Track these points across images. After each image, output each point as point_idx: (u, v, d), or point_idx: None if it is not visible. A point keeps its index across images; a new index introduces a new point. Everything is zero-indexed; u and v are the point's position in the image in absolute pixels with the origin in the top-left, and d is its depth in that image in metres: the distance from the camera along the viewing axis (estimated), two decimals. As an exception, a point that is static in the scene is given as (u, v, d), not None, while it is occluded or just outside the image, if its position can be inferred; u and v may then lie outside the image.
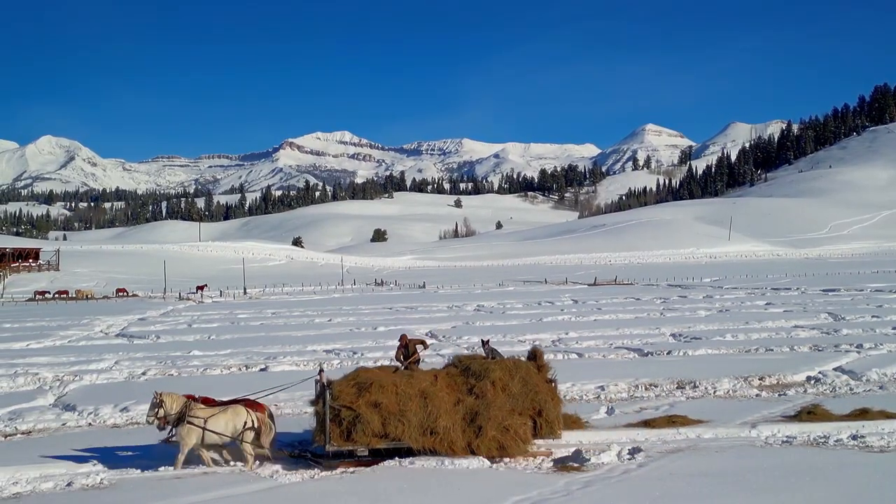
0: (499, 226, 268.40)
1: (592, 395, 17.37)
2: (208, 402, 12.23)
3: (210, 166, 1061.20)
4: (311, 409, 12.57)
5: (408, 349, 13.91)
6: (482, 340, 14.46)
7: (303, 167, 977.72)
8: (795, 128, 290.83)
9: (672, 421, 13.90)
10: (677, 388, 17.73)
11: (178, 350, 26.93)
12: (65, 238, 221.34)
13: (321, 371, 12.54)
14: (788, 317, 33.58)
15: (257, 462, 11.80)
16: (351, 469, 11.50)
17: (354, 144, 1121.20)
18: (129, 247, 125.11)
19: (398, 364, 13.70)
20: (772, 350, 23.60)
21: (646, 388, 17.73)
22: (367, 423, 11.40)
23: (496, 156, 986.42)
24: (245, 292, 71.05)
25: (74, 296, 70.81)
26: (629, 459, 11.79)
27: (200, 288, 72.60)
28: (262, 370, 22.10)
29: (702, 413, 14.56)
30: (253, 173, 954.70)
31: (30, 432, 14.88)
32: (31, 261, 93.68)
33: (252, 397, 12.62)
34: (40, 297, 70.41)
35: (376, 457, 11.69)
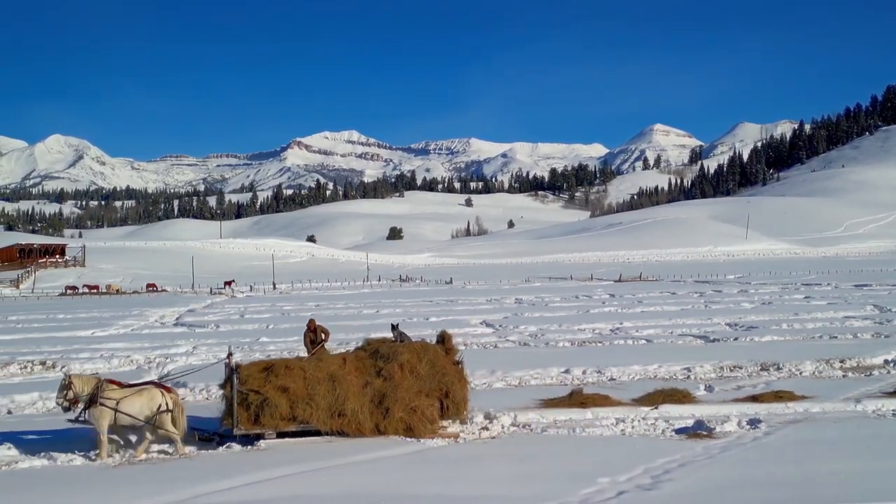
0: (511, 225, 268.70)
1: (681, 375, 17.88)
2: (117, 385, 11.86)
3: (218, 165, 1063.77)
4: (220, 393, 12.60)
5: (316, 334, 14.02)
6: (392, 324, 14.44)
7: (311, 166, 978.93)
8: (808, 127, 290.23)
9: (779, 396, 14.42)
10: (761, 369, 18.24)
11: (246, 337, 27.55)
12: (80, 235, 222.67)
13: (230, 354, 12.48)
14: (835, 308, 34.05)
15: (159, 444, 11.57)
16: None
17: (362, 144, 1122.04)
18: (151, 244, 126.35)
19: (305, 348, 13.91)
20: (835, 337, 24.06)
21: (731, 370, 18.25)
22: (274, 406, 11.48)
23: (504, 155, 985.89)
24: (274, 287, 71.79)
25: (105, 291, 71.70)
26: (752, 429, 12.30)
27: (228, 283, 73.36)
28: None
29: (804, 390, 15.08)
30: (261, 172, 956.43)
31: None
32: (57, 257, 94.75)
33: (161, 380, 12.55)
34: (71, 291, 71.21)
35: (283, 439, 11.75)
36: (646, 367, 18.38)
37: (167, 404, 11.41)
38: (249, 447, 11.67)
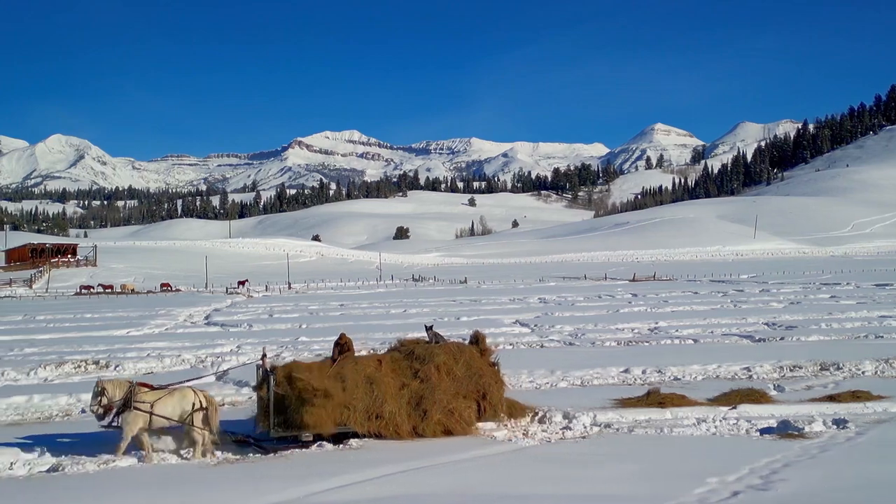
0: (515, 224, 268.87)
1: (742, 374, 17.84)
2: (148, 388, 11.76)
3: (219, 165, 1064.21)
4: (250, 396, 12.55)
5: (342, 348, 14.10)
6: (426, 326, 14.35)
7: (311, 166, 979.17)
8: (811, 127, 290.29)
9: (856, 396, 14.37)
10: (821, 369, 18.19)
11: (284, 336, 27.51)
12: (85, 235, 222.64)
13: (264, 356, 12.39)
14: (867, 308, 33.99)
15: (205, 447, 11.30)
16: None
17: (363, 143, 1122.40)
18: (161, 243, 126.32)
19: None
20: (881, 337, 24.01)
21: (791, 370, 18.19)
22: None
23: (505, 155, 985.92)
24: (289, 287, 71.76)
25: (120, 290, 71.67)
26: (841, 429, 12.25)
27: (242, 283, 73.32)
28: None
29: (878, 390, 15.03)
30: (262, 172, 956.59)
31: (233, 403, 15.52)
32: (69, 256, 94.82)
33: (191, 383, 12.34)
34: (86, 291, 71.16)
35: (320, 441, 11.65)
36: (705, 367, 18.35)
37: (200, 402, 11.32)
38: (342, 447, 11.66)
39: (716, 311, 34.93)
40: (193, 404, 11.25)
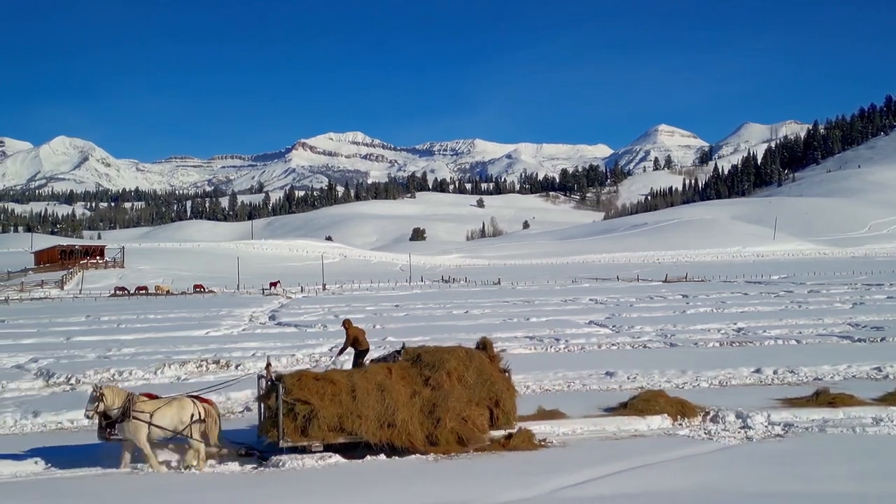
0: (526, 225, 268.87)
1: (874, 374, 17.86)
2: (149, 399, 11.54)
3: (223, 167, 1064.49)
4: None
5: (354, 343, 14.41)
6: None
7: (315, 167, 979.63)
8: (822, 128, 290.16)
9: None
10: (951, 369, 18.20)
11: (371, 337, 27.40)
12: (99, 237, 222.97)
13: (268, 365, 12.25)
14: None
15: (206, 459, 11.13)
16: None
17: (367, 145, 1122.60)
18: (185, 245, 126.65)
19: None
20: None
21: (921, 370, 18.20)
22: (323, 417, 11.11)
23: (508, 156, 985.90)
24: (324, 288, 71.80)
25: (154, 292, 71.70)
26: None
27: (274, 284, 73.34)
28: (499, 352, 22.72)
29: None
30: (266, 174, 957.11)
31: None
32: (97, 258, 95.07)
33: (196, 393, 12.10)
34: (121, 292, 71.19)
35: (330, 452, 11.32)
36: (835, 367, 18.37)
37: (199, 414, 11.10)
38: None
39: (783, 311, 34.86)
40: (192, 415, 11.02)
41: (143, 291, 71.34)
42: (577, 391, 16.77)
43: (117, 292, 71.49)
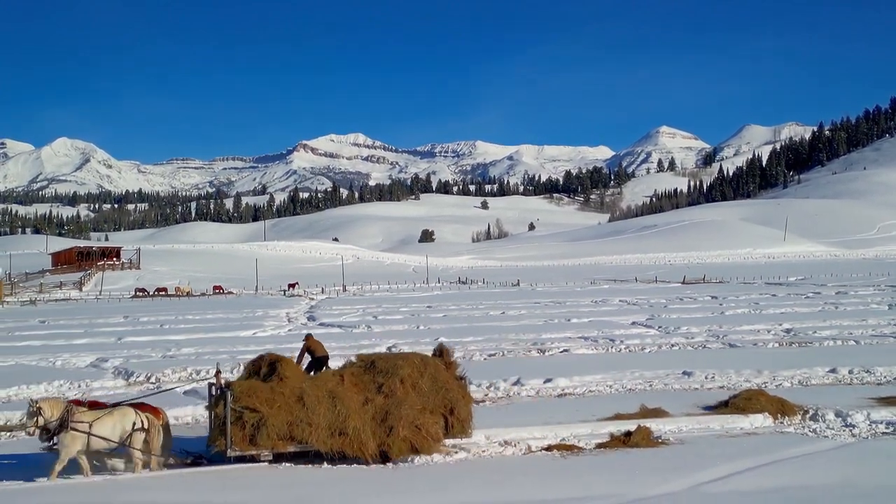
0: (531, 227, 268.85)
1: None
2: (96, 407, 11.22)
3: (224, 168, 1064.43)
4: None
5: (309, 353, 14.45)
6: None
7: (317, 169, 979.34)
8: (826, 130, 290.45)
9: None
10: None
11: (425, 338, 27.50)
12: (106, 238, 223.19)
13: (218, 372, 11.98)
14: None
15: (146, 469, 10.78)
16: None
17: (368, 146, 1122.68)
18: (199, 246, 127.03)
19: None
20: None
21: None
22: (272, 425, 10.82)
23: (510, 158, 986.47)
24: (344, 289, 71.89)
25: (174, 293, 71.82)
26: None
27: (292, 286, 73.51)
28: (563, 352, 23.03)
29: None
30: (267, 175, 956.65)
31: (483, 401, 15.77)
32: (114, 259, 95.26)
33: (143, 400, 11.84)
34: (141, 293, 71.29)
35: (279, 461, 11.14)
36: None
37: (142, 423, 10.77)
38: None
39: (823, 313, 35.05)
40: (134, 424, 10.71)
41: (164, 293, 71.51)
42: (662, 391, 16.93)
43: (138, 293, 71.61)
